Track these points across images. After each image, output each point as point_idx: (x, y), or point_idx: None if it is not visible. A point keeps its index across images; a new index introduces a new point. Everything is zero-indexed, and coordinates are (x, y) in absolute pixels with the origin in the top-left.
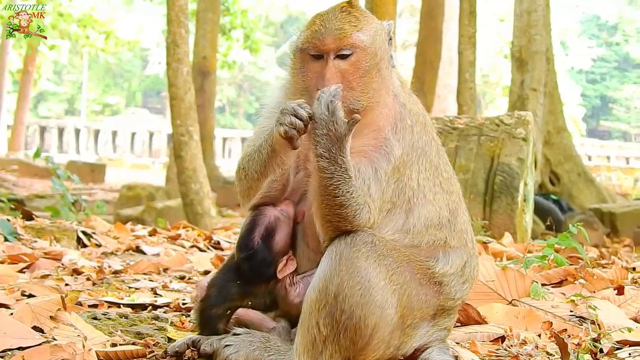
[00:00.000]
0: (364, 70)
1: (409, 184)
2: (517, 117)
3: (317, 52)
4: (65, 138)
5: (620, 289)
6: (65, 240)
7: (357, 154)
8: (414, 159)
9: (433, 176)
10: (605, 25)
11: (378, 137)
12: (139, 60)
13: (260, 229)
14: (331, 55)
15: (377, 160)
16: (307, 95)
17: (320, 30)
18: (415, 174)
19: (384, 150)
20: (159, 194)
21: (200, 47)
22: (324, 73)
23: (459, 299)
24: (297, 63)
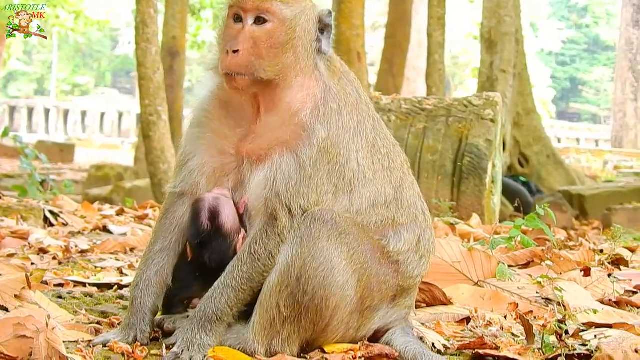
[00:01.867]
0: (276, 42)
1: (348, 165)
2: (486, 98)
3: (236, 11)
4: (34, 118)
5: (587, 271)
6: (32, 219)
7: (278, 146)
8: (348, 139)
9: (371, 154)
10: (575, 8)
11: (296, 123)
12: (109, 40)
13: (205, 212)
14: (248, 19)
15: (298, 147)
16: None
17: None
18: (354, 154)
19: (305, 135)
20: (127, 174)
21: (170, 27)
22: (237, 35)
23: (418, 275)
24: (220, 28)
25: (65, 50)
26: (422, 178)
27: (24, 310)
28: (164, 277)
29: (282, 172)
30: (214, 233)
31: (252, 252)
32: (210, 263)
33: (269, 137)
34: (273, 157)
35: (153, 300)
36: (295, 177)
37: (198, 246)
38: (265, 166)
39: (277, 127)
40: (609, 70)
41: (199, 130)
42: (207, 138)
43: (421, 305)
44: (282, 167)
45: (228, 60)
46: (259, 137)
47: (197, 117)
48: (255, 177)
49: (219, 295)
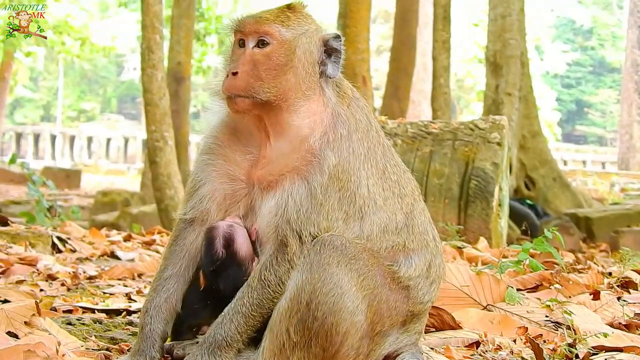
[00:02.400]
0: (275, 64)
1: (358, 192)
2: (492, 121)
3: (240, 36)
4: (41, 144)
5: (596, 294)
6: (40, 245)
7: (289, 172)
8: (359, 166)
9: (381, 181)
10: (580, 30)
11: (306, 149)
12: (114, 66)
13: (219, 240)
14: (250, 43)
15: (309, 174)
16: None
17: (246, 16)
18: (365, 181)
19: (316, 162)
20: (134, 199)
21: (175, 52)
22: (235, 59)
23: (428, 301)
24: (228, 51)
25: (71, 77)
26: (429, 202)
27: (34, 336)
28: (173, 303)
29: (293, 199)
30: (228, 261)
31: (262, 279)
32: (224, 291)
33: (279, 163)
34: (284, 183)
35: (162, 327)
36: (306, 204)
37: (212, 274)
38: (276, 193)
39: (287, 153)
40: (614, 92)
41: (210, 157)
42: (217, 165)
43: (430, 329)
44: (293, 193)
45: (227, 83)
46: (270, 163)
47: (207, 144)
48: (265, 203)
49: (228, 321)
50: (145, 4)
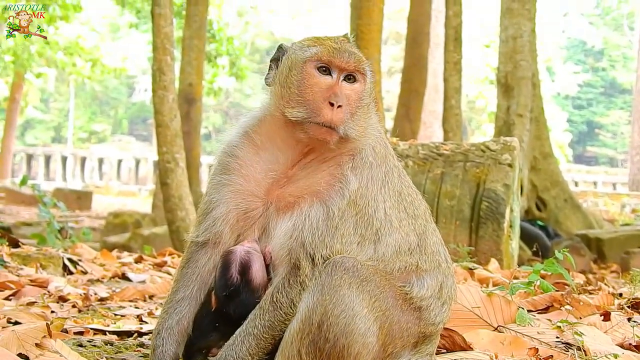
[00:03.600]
0: (362, 101)
1: (375, 215)
2: (503, 143)
3: (330, 66)
4: (52, 166)
5: (607, 315)
6: (51, 267)
7: (309, 195)
8: (376, 190)
9: (397, 202)
10: (592, 51)
11: (332, 173)
12: (125, 87)
13: (235, 265)
14: (340, 75)
15: (330, 198)
16: (307, 107)
17: (338, 48)
18: (382, 204)
19: (339, 186)
20: (145, 221)
21: (186, 74)
22: (334, 89)
23: (440, 322)
24: (297, 76)
25: (82, 98)
26: (440, 223)
27: (45, 358)
28: (185, 325)
29: (310, 222)
30: (242, 287)
31: (274, 301)
32: (235, 315)
33: (301, 185)
34: (302, 205)
35: (174, 349)
36: (322, 227)
37: (224, 298)
38: (294, 215)
39: (312, 175)
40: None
41: (226, 176)
42: (234, 184)
43: (441, 350)
44: (311, 217)
45: (332, 113)
46: (291, 184)
47: (224, 163)
48: (281, 225)
49: (240, 342)
50: (156, 25)
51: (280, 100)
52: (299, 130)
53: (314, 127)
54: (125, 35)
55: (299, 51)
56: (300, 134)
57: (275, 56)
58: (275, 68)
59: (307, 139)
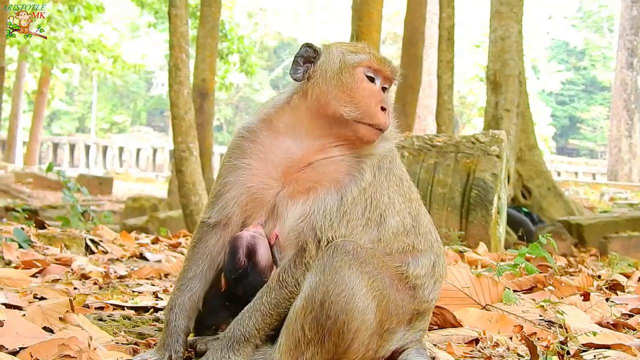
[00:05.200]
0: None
1: (382, 199)
2: (492, 135)
3: (377, 74)
4: (76, 154)
5: (586, 296)
6: (74, 247)
7: (327, 182)
8: (383, 178)
9: (399, 187)
10: (574, 51)
11: (353, 164)
12: (144, 82)
13: (242, 249)
14: (382, 83)
15: (346, 186)
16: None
17: (383, 58)
18: (386, 190)
19: (356, 176)
20: (161, 205)
21: (200, 70)
22: (382, 95)
23: (432, 299)
24: (349, 78)
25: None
26: (433, 209)
27: (68, 331)
28: (195, 301)
29: (324, 207)
30: (249, 269)
31: (280, 280)
32: (245, 296)
33: (320, 171)
34: (319, 191)
35: (186, 323)
36: (334, 213)
37: (234, 280)
38: (308, 199)
39: (332, 164)
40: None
41: (242, 160)
42: (250, 167)
43: (433, 327)
44: (326, 202)
45: (385, 118)
46: (312, 170)
47: (241, 147)
48: (293, 208)
49: (247, 318)
50: (173, 25)
51: (326, 97)
52: (346, 127)
53: (365, 127)
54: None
55: (348, 55)
56: (346, 131)
57: (304, 54)
58: (302, 65)
59: (352, 136)
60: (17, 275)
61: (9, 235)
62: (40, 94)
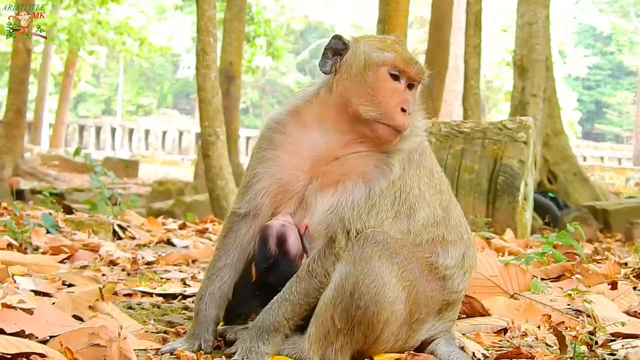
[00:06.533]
0: (417, 105)
1: (412, 192)
2: (519, 122)
3: (402, 74)
4: (102, 136)
5: (614, 284)
6: (102, 232)
7: (355, 175)
8: (413, 171)
9: (429, 179)
10: (600, 36)
11: (382, 159)
12: (170, 64)
13: (273, 239)
14: (407, 83)
15: (375, 179)
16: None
17: (410, 58)
18: (416, 182)
19: (383, 169)
20: (187, 188)
21: (227, 53)
22: (405, 95)
23: (462, 290)
24: (372, 76)
25: (131, 74)
26: (460, 196)
27: (98, 320)
28: (225, 291)
29: (352, 199)
30: (280, 258)
31: (310, 270)
32: (275, 285)
33: (348, 165)
34: (347, 183)
35: (216, 312)
36: (362, 205)
37: (265, 269)
38: (337, 191)
39: (359, 158)
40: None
41: (271, 152)
42: (279, 159)
43: (461, 316)
44: (354, 194)
45: (404, 119)
46: (340, 164)
47: (270, 138)
48: (322, 200)
49: (277, 307)
50: (200, 9)
51: (348, 93)
52: (365, 126)
53: (384, 127)
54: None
55: (374, 52)
56: (365, 129)
57: (333, 46)
58: (331, 57)
59: (371, 134)
60: (45, 262)
61: (37, 220)
62: (66, 76)
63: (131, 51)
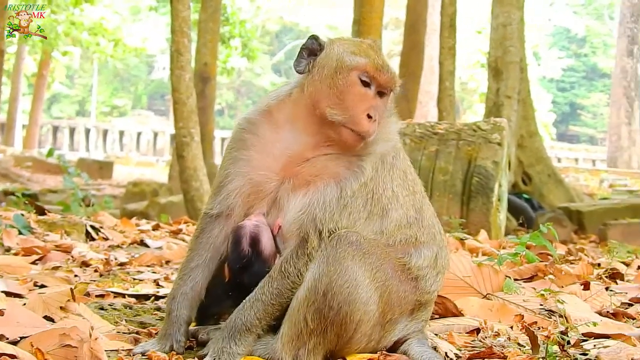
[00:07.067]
0: (387, 111)
1: (384, 193)
2: (493, 123)
3: (372, 81)
4: (76, 137)
5: (586, 285)
6: (75, 233)
7: (326, 175)
8: (386, 173)
9: (403, 181)
10: (575, 38)
11: (352, 161)
12: (145, 65)
13: (246, 239)
14: (377, 90)
15: (346, 180)
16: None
17: (382, 64)
18: (390, 184)
19: (354, 171)
20: (162, 190)
21: (202, 54)
22: (373, 102)
23: (434, 290)
24: (342, 80)
25: (105, 75)
26: (434, 197)
27: (69, 321)
28: (198, 291)
29: (323, 199)
30: (254, 258)
31: (282, 270)
32: (249, 285)
33: (319, 166)
34: (318, 184)
35: (188, 313)
36: (333, 205)
37: (238, 270)
38: (309, 191)
39: (330, 160)
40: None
41: (243, 152)
42: (251, 159)
43: (434, 316)
44: (325, 194)
45: (369, 126)
46: (311, 165)
47: (242, 139)
48: (294, 200)
49: (249, 308)
50: (175, 9)
51: (317, 96)
52: (331, 129)
53: (348, 132)
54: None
55: (346, 56)
56: (330, 132)
57: (309, 46)
58: (306, 57)
59: (336, 138)
60: (17, 263)
61: (9, 221)
62: (40, 76)
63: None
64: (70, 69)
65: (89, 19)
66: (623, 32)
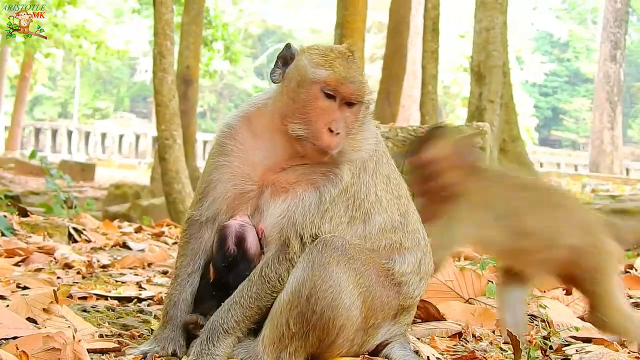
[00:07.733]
0: (356, 122)
1: (367, 198)
2: (476, 127)
3: (335, 94)
4: (58, 139)
5: (569, 290)
6: (57, 235)
7: (304, 182)
8: (368, 178)
9: (386, 185)
10: (558, 43)
11: (330, 168)
12: (127, 68)
13: (231, 238)
14: (342, 101)
15: (324, 186)
16: (308, 127)
17: (346, 76)
18: (372, 189)
19: (331, 178)
20: (144, 192)
21: (184, 57)
22: (335, 115)
23: (417, 296)
24: (304, 94)
25: (87, 77)
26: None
27: (52, 322)
28: (194, 296)
29: (302, 204)
30: (239, 257)
31: (262, 274)
32: (233, 284)
33: (298, 173)
34: (297, 190)
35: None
36: (313, 210)
37: (223, 269)
38: (287, 197)
39: (308, 168)
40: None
41: (225, 158)
42: (232, 166)
43: (417, 320)
44: (304, 200)
45: (330, 140)
46: (289, 172)
47: (223, 145)
48: (274, 206)
49: (227, 310)
50: (158, 12)
51: (282, 109)
52: (296, 143)
53: (310, 146)
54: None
55: (310, 69)
56: (297, 146)
57: (284, 54)
58: (281, 67)
59: (302, 152)
60: (0, 264)
61: None
62: (22, 78)
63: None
64: (52, 70)
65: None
66: (606, 37)
